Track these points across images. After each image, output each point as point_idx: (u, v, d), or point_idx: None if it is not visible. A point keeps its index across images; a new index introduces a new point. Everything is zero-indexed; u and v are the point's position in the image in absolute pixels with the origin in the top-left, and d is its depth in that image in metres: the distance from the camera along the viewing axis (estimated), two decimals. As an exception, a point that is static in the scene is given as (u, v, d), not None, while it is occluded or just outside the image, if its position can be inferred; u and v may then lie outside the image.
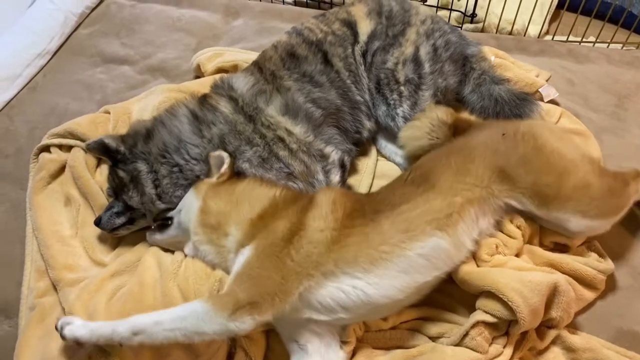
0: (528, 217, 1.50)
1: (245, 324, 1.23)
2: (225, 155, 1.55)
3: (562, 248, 1.56)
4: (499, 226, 1.49)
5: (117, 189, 1.62)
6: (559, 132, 1.57)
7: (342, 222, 1.37)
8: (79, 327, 1.27)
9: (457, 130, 1.68)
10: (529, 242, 1.54)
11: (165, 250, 1.58)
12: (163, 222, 1.58)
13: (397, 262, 1.31)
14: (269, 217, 1.41)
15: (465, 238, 1.40)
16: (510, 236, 1.49)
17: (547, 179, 1.42)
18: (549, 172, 1.42)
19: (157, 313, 1.26)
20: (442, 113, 1.70)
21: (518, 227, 1.50)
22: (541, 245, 1.56)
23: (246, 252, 1.35)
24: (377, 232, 1.35)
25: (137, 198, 1.59)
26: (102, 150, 1.64)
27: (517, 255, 1.51)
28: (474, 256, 1.45)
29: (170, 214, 1.57)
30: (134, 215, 1.61)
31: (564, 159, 1.44)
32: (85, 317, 1.41)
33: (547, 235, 1.54)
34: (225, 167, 1.54)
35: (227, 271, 1.44)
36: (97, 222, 1.61)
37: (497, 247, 1.46)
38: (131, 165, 1.60)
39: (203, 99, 1.72)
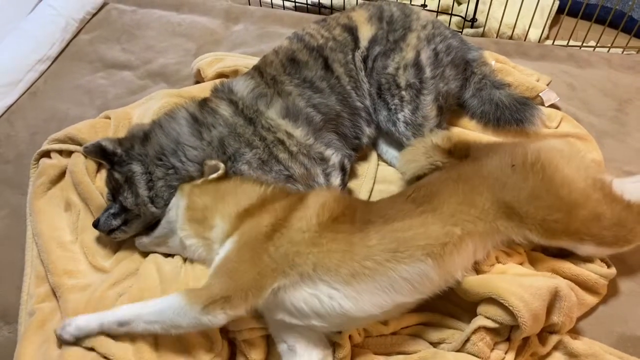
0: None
1: (217, 317, 1.25)
2: (221, 166, 1.55)
3: (565, 252, 1.55)
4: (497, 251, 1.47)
5: (114, 191, 1.63)
6: (569, 153, 1.49)
7: (326, 226, 1.35)
8: (71, 327, 1.35)
9: (456, 156, 1.61)
10: (532, 250, 1.54)
11: (166, 256, 1.58)
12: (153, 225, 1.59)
13: (379, 280, 1.29)
14: (255, 210, 1.41)
15: (457, 270, 1.37)
16: (512, 250, 1.49)
17: (556, 215, 1.37)
18: (559, 208, 1.37)
19: (141, 305, 1.33)
20: (438, 138, 1.65)
21: (519, 245, 1.48)
22: (544, 250, 1.56)
23: (227, 245, 1.36)
24: (363, 245, 1.32)
25: (131, 199, 1.59)
26: (99, 153, 1.64)
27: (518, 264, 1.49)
28: (474, 267, 1.43)
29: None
30: (128, 216, 1.61)
31: (575, 191, 1.38)
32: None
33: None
34: (214, 176, 1.55)
35: None
36: (96, 224, 1.61)
37: (497, 258, 1.46)
38: (126, 167, 1.60)
39: (203, 103, 1.72)
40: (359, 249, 1.31)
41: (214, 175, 1.55)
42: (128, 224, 1.62)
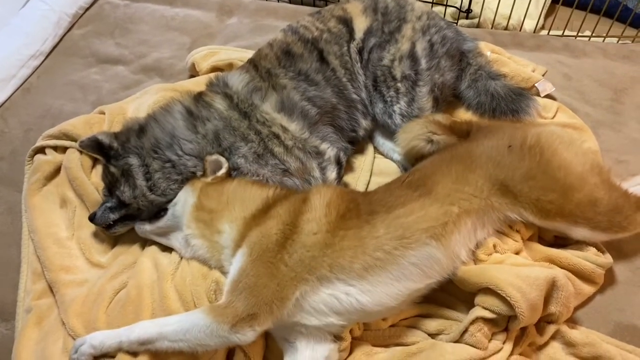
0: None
1: (246, 335, 1.25)
2: (223, 160, 1.56)
3: (562, 241, 1.55)
4: (497, 234, 1.47)
5: (110, 186, 1.61)
6: (569, 139, 1.50)
7: (336, 224, 1.36)
8: (88, 347, 1.32)
9: (457, 132, 1.64)
10: (529, 239, 1.54)
11: (163, 250, 1.58)
12: (156, 214, 1.58)
13: (391, 270, 1.30)
14: (261, 217, 1.40)
15: (460, 249, 1.38)
16: (508, 237, 1.49)
17: (551, 196, 1.38)
18: (553, 189, 1.38)
19: (161, 323, 1.30)
20: (439, 115, 1.68)
21: (517, 231, 1.50)
22: (541, 239, 1.56)
23: (240, 257, 1.34)
24: (372, 236, 1.33)
25: (129, 192, 1.57)
26: (95, 148, 1.63)
27: (515, 253, 1.49)
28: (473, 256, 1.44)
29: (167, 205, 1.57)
30: (129, 211, 1.60)
31: (571, 174, 1.39)
32: (85, 325, 1.43)
33: (547, 230, 1.54)
34: (222, 171, 1.55)
35: (219, 266, 1.46)
36: (92, 218, 1.60)
37: (494, 246, 1.46)
38: (122, 160, 1.59)
39: (198, 96, 1.72)
40: (369, 241, 1.32)
41: (223, 171, 1.54)
42: (129, 218, 1.61)
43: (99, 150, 1.63)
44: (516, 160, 1.42)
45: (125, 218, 1.61)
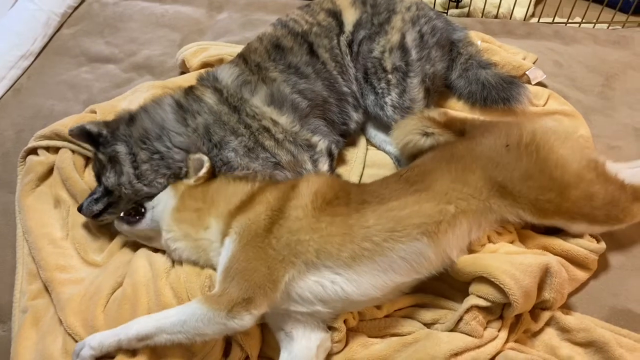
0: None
1: (244, 320, 1.25)
2: (205, 159, 1.55)
3: (555, 229, 1.56)
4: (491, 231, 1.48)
5: (98, 173, 1.62)
6: (564, 134, 1.50)
7: (322, 210, 1.36)
8: (88, 349, 1.32)
9: (452, 129, 1.63)
10: (522, 228, 1.55)
11: (156, 250, 1.58)
12: (135, 211, 1.56)
13: (378, 261, 1.31)
14: (247, 205, 1.41)
15: (452, 250, 1.38)
16: (503, 229, 1.50)
17: (548, 195, 1.39)
18: (551, 189, 1.39)
19: (157, 317, 1.31)
20: (434, 112, 1.67)
21: (512, 224, 1.50)
22: (533, 227, 1.56)
23: (228, 245, 1.35)
24: (360, 226, 1.33)
25: (113, 179, 1.57)
26: (83, 136, 1.62)
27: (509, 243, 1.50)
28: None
29: (145, 204, 1.56)
30: (111, 199, 1.59)
31: (568, 172, 1.40)
32: (83, 323, 1.43)
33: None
34: (204, 170, 1.54)
35: (209, 263, 1.46)
36: (80, 208, 1.61)
37: (488, 237, 1.47)
38: (110, 148, 1.59)
39: (189, 90, 1.72)
40: (357, 230, 1.33)
41: (204, 170, 1.54)
42: (112, 206, 1.61)
43: (87, 138, 1.63)
44: (514, 160, 1.42)
45: (109, 206, 1.60)
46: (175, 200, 1.51)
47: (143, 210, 1.56)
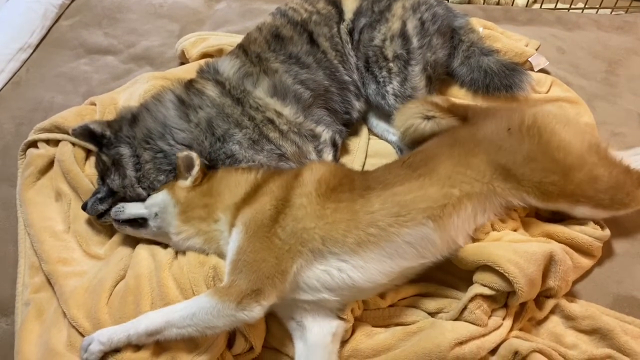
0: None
1: (253, 311, 1.25)
2: (194, 156, 1.52)
3: (559, 216, 1.55)
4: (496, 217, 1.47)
5: (102, 174, 1.61)
6: (565, 118, 1.50)
7: (326, 197, 1.36)
8: (97, 344, 1.30)
9: (455, 115, 1.62)
10: (526, 216, 1.54)
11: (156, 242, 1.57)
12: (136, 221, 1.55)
13: (384, 247, 1.31)
14: (252, 196, 1.41)
15: (457, 234, 1.37)
16: (507, 216, 1.49)
17: (552, 178, 1.39)
18: (554, 171, 1.39)
19: (166, 311, 1.30)
20: (436, 97, 1.67)
21: (514, 210, 1.49)
22: (537, 215, 1.56)
23: (236, 236, 1.35)
24: (365, 211, 1.34)
25: (118, 181, 1.57)
26: (87, 136, 1.62)
27: (513, 231, 1.49)
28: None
29: (144, 215, 1.53)
30: (116, 200, 1.59)
31: (570, 155, 1.40)
32: (87, 315, 1.43)
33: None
34: (196, 169, 1.52)
35: (218, 251, 1.46)
36: (84, 207, 1.60)
37: (492, 225, 1.46)
38: (114, 150, 1.59)
39: (189, 84, 1.70)
40: (362, 215, 1.33)
41: (196, 169, 1.51)
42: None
43: (90, 138, 1.62)
44: (516, 143, 1.42)
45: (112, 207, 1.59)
46: (177, 206, 1.49)
47: (141, 221, 1.54)
